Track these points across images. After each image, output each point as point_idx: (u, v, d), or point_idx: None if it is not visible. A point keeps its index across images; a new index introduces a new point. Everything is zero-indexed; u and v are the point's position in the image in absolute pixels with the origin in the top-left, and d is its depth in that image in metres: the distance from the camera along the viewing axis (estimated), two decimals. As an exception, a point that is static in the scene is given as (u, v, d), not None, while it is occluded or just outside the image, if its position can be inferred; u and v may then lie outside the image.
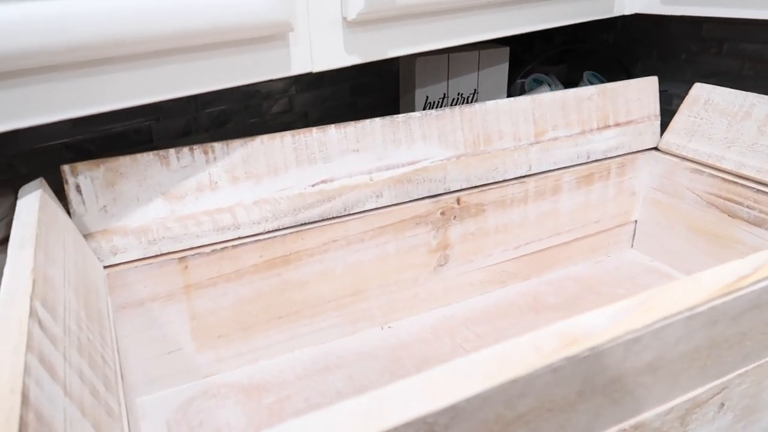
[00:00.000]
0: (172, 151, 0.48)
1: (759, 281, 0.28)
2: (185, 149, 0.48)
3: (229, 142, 0.50)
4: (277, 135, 0.51)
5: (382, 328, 0.61)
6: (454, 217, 0.60)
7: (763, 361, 0.35)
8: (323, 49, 0.49)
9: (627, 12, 0.75)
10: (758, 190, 0.59)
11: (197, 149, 0.48)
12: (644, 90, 0.68)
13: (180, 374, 0.53)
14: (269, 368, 0.55)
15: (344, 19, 0.48)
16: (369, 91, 0.94)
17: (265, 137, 0.51)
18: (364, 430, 0.19)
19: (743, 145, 0.61)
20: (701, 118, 0.66)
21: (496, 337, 0.59)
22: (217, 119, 0.80)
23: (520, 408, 0.24)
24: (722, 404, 0.35)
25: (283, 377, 0.54)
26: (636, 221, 0.73)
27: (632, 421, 0.31)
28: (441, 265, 0.62)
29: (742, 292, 0.28)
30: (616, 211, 0.71)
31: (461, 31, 0.58)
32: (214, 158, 0.49)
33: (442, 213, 0.60)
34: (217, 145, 0.49)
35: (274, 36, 0.45)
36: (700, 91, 0.67)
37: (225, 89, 0.80)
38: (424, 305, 0.63)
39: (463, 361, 0.23)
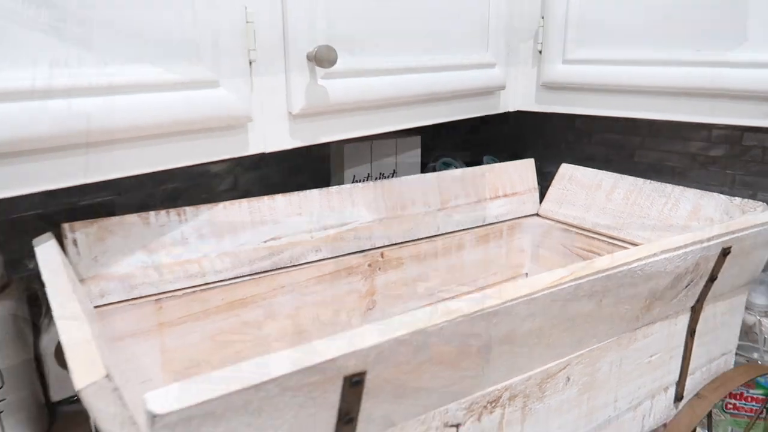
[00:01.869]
0: (152, 213, 0.59)
1: (572, 281, 0.44)
2: (162, 212, 0.60)
3: (198, 207, 0.62)
4: (236, 201, 0.64)
5: (321, 364, 0.72)
6: (379, 268, 0.74)
7: (593, 347, 0.50)
8: (273, 135, 0.63)
9: (510, 109, 0.95)
10: (609, 242, 0.77)
11: (172, 212, 0.60)
12: (524, 169, 0.86)
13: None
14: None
15: (289, 113, 0.63)
16: (303, 171, 1.09)
17: (227, 203, 0.64)
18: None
19: (597, 209, 0.80)
20: (567, 190, 0.84)
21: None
22: (170, 195, 0.92)
23: (422, 357, 0.37)
24: (568, 378, 0.49)
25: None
26: (527, 273, 0.90)
27: (505, 384, 0.44)
28: (370, 309, 0.75)
29: (560, 287, 0.43)
30: (510, 264, 0.87)
31: (379, 123, 0.75)
32: (186, 219, 0.61)
33: (369, 265, 0.73)
34: (189, 209, 0.61)
35: (238, 125, 0.59)
36: (565, 169, 0.86)
37: (178, 168, 0.92)
38: (355, 344, 0.75)
39: (374, 325, 0.36)
